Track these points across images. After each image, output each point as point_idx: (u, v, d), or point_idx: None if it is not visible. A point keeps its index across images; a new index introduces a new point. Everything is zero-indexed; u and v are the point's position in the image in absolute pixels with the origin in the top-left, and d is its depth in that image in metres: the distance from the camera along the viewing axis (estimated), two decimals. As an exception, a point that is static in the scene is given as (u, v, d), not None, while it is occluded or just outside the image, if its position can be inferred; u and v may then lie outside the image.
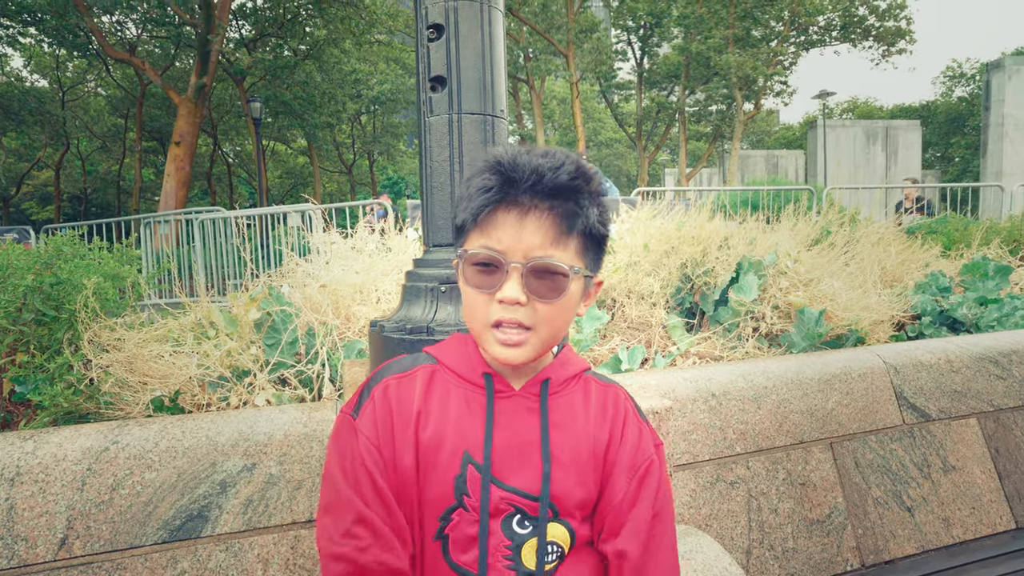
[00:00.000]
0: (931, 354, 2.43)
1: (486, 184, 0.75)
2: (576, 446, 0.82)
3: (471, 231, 0.78)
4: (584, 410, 0.85)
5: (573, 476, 0.81)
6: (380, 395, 0.82)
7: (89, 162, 26.66)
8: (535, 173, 0.74)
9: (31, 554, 1.33)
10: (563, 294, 0.76)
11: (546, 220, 0.75)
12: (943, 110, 33.30)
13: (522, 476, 0.79)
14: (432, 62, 1.53)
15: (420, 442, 0.79)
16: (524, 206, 0.75)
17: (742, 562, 1.85)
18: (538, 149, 0.77)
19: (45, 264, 1.78)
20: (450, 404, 0.82)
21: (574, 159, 0.77)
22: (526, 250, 0.74)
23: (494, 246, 0.75)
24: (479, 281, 0.77)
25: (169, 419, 1.56)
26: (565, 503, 0.80)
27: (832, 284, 2.80)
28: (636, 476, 0.84)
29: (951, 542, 2.13)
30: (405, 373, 0.85)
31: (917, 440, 2.25)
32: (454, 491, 0.78)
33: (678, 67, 23.85)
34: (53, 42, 16.52)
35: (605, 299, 2.96)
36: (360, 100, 25.16)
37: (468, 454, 0.79)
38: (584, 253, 0.80)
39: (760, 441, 1.99)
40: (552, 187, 0.74)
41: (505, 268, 0.75)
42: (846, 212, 4.60)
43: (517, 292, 0.74)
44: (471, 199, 0.76)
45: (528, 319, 0.76)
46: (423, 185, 1.59)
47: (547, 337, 0.78)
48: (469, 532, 0.78)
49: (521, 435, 0.81)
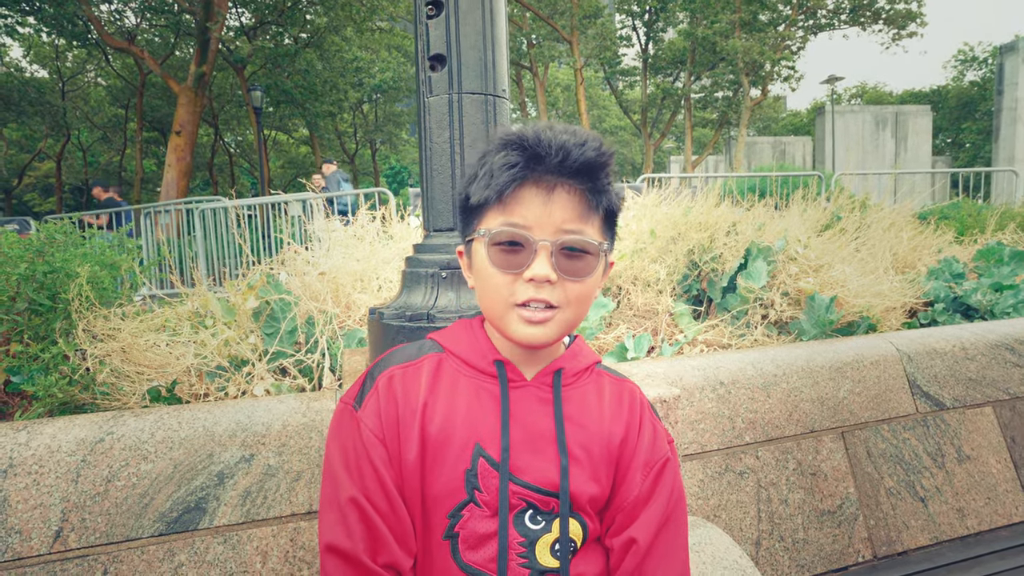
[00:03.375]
0: (945, 341, 2.37)
1: (510, 160, 0.72)
2: (589, 440, 0.79)
3: (491, 210, 0.75)
4: (598, 404, 0.82)
5: (587, 471, 0.78)
6: (384, 385, 0.78)
7: (90, 153, 26.64)
8: (562, 149, 0.71)
9: (25, 547, 1.30)
10: (592, 272, 0.75)
11: (574, 196, 0.73)
12: (954, 95, 32.80)
13: (535, 470, 0.76)
14: (431, 40, 1.47)
15: (427, 435, 0.75)
16: (550, 183, 0.72)
17: (751, 553, 1.82)
18: (558, 126, 0.74)
19: (37, 252, 1.74)
20: (459, 395, 0.78)
21: (596, 136, 0.74)
22: (555, 227, 0.72)
23: (520, 223, 0.72)
24: (503, 261, 0.74)
25: (165, 410, 1.52)
26: (578, 498, 0.77)
27: (843, 270, 2.74)
28: (651, 474, 0.80)
29: (966, 533, 2.09)
30: (410, 363, 0.81)
31: (931, 429, 2.20)
32: (465, 486, 0.74)
33: (684, 53, 23.54)
34: (52, 31, 16.41)
35: (611, 286, 2.90)
36: (362, 88, 24.99)
37: (479, 446, 0.75)
38: (606, 231, 0.78)
39: (770, 430, 1.95)
40: (580, 164, 0.72)
41: (533, 246, 0.72)
42: (856, 198, 4.52)
43: (548, 270, 0.72)
44: (494, 176, 0.73)
45: (556, 298, 0.73)
46: (423, 168, 1.53)
47: (571, 318, 0.76)
48: (481, 529, 0.74)
49: (534, 427, 0.77)
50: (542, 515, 0.75)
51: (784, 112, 39.76)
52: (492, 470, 0.74)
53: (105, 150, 27.12)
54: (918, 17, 21.57)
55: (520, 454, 0.75)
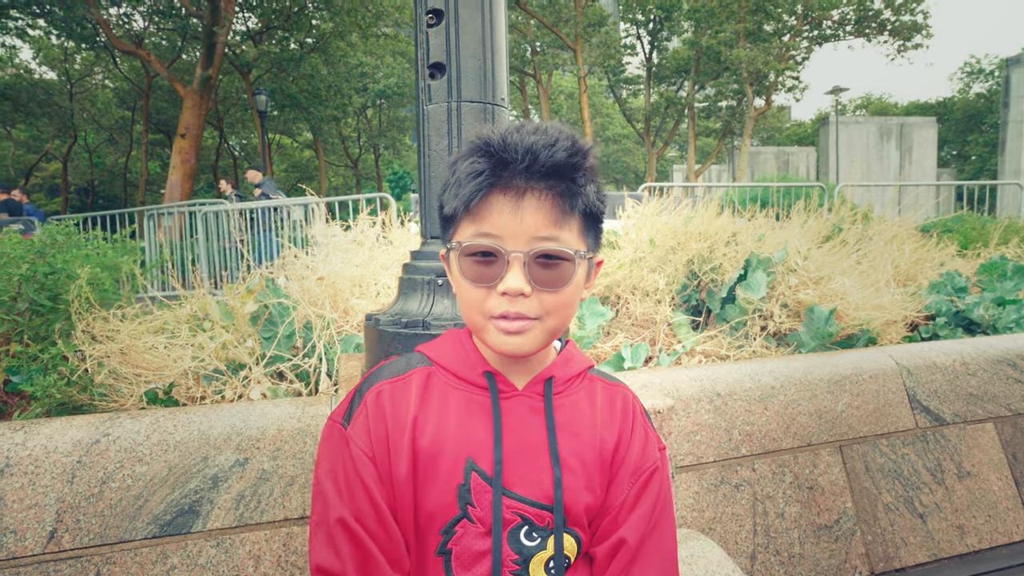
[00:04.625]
0: (946, 356, 2.36)
1: (476, 168, 0.69)
2: (583, 449, 0.77)
3: (462, 220, 0.72)
4: (590, 410, 0.80)
5: (582, 481, 0.76)
6: (373, 401, 0.76)
7: (96, 154, 26.81)
8: (529, 153, 0.68)
9: (20, 547, 1.30)
10: (570, 281, 0.71)
11: (545, 202, 0.69)
12: (960, 107, 32.79)
13: (528, 483, 0.74)
14: (431, 48, 1.48)
15: (418, 450, 0.74)
16: (520, 189, 0.69)
17: (746, 567, 1.80)
18: (529, 125, 0.71)
19: (38, 253, 1.75)
20: (449, 408, 0.76)
21: (568, 134, 0.71)
22: (527, 236, 0.69)
23: (491, 233, 0.69)
24: (476, 274, 0.71)
25: (161, 412, 1.53)
26: (573, 509, 0.75)
27: (843, 282, 2.74)
28: (639, 481, 0.79)
29: (965, 551, 2.07)
30: (399, 377, 0.79)
31: (931, 444, 2.19)
32: (458, 501, 0.73)
33: (688, 62, 23.62)
34: (61, 34, 16.56)
35: (609, 295, 2.90)
36: (366, 94, 25.11)
37: (472, 460, 0.73)
38: (586, 234, 0.75)
39: (767, 443, 1.94)
40: (549, 167, 0.68)
41: (505, 258, 0.69)
42: (858, 209, 4.52)
43: (521, 283, 0.69)
44: (460, 185, 0.70)
45: (533, 310, 0.71)
46: (421, 175, 1.54)
47: (554, 327, 0.73)
48: (474, 547, 0.72)
49: (526, 438, 0.76)
50: (537, 531, 0.74)
51: (788, 122, 39.81)
52: (485, 484, 0.73)
53: (111, 152, 27.29)
54: (923, 29, 21.60)
55: (513, 467, 0.74)
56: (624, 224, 3.34)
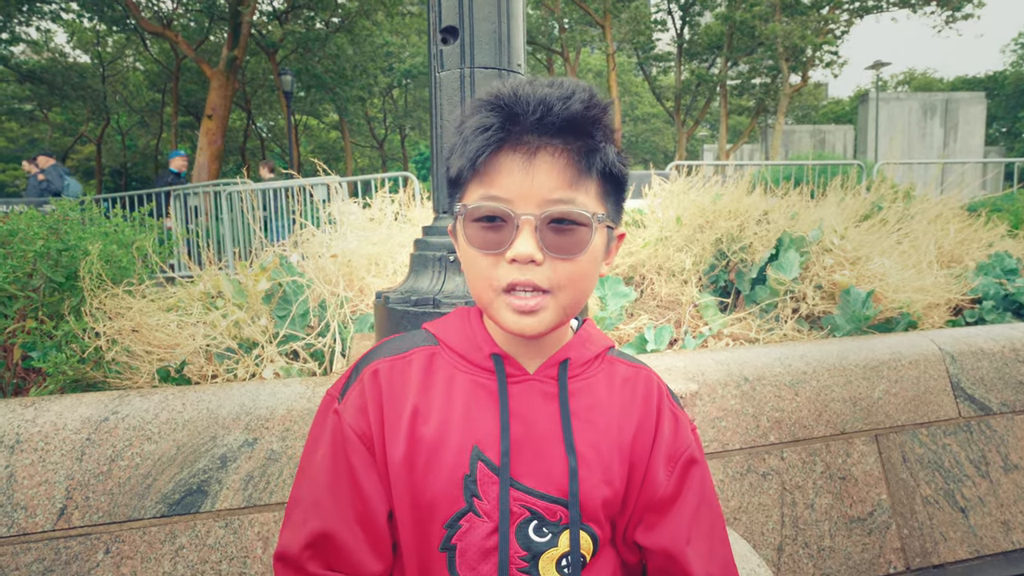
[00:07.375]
0: (993, 341, 2.20)
1: (484, 123, 0.62)
2: (600, 438, 0.71)
3: (469, 182, 0.66)
4: (608, 395, 0.73)
5: (598, 473, 0.69)
6: (369, 378, 0.71)
7: (129, 137, 27.43)
8: (542, 105, 0.61)
9: (30, 523, 1.31)
10: (586, 248, 0.64)
11: (560, 159, 0.62)
12: (1012, 81, 30.96)
13: (539, 474, 0.68)
14: (443, 11, 1.39)
15: (420, 438, 0.68)
16: (532, 145, 0.62)
17: (773, 559, 1.72)
18: (543, 79, 0.64)
19: (51, 229, 1.74)
20: (454, 392, 0.70)
21: (586, 86, 0.63)
22: (539, 197, 0.62)
23: (500, 195, 0.63)
24: (484, 240, 0.64)
25: (170, 390, 1.51)
26: (589, 504, 0.69)
27: (882, 263, 2.58)
28: (677, 467, 0.73)
29: (1011, 548, 1.95)
30: (399, 355, 0.73)
31: (975, 435, 2.05)
32: (463, 493, 0.67)
33: (720, 37, 22.76)
34: (93, 16, 16.84)
35: (633, 275, 2.80)
36: (392, 73, 25.00)
37: (478, 449, 0.67)
38: (605, 198, 0.67)
39: (796, 430, 1.84)
40: (564, 120, 0.61)
41: (515, 221, 0.62)
42: (899, 188, 4.28)
43: (532, 248, 0.62)
44: (467, 142, 0.63)
45: (546, 280, 0.63)
46: (433, 146, 1.46)
47: (569, 302, 0.66)
48: (480, 542, 0.67)
49: (537, 426, 0.69)
50: (548, 526, 0.68)
51: (825, 99, 38.27)
52: (492, 475, 0.67)
53: (143, 134, 27.90)
54: (974, -3, 20.32)
55: (522, 457, 0.68)
56: (650, 202, 3.21)
